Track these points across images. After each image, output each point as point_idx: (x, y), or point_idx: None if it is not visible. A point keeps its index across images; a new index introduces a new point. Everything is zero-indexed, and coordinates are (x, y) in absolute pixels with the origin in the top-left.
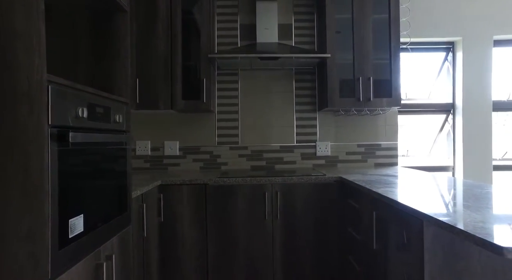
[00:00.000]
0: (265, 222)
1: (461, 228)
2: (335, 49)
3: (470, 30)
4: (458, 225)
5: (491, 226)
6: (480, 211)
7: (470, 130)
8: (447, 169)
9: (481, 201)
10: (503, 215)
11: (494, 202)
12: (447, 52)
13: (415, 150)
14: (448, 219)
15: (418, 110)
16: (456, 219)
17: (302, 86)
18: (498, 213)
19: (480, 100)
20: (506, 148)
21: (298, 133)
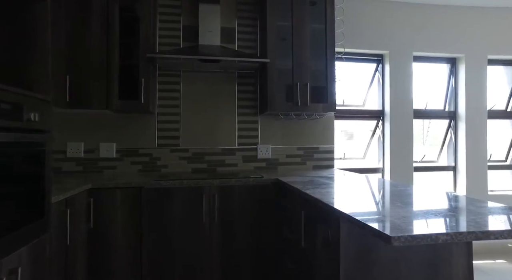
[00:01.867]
0: (203, 225)
1: (363, 221)
2: (276, 55)
3: (395, 45)
4: (363, 219)
5: (393, 220)
6: (390, 207)
7: (396, 135)
8: (378, 171)
9: (393, 198)
10: (408, 211)
11: (405, 199)
12: (377, 64)
13: (352, 153)
14: (354, 213)
15: (353, 115)
16: (364, 215)
17: (245, 90)
18: (405, 209)
19: (403, 108)
20: (424, 151)
21: (239, 136)
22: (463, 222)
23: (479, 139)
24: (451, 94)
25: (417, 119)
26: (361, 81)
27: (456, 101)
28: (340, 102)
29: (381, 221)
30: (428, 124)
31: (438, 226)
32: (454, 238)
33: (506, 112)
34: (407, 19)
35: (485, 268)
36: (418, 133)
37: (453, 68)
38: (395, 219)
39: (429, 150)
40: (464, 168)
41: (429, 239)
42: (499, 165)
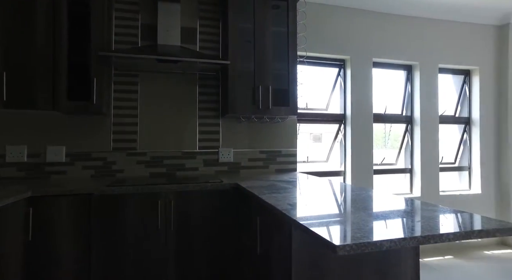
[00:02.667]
0: (158, 233)
1: (312, 229)
2: (238, 57)
3: (356, 51)
4: (312, 226)
5: (343, 226)
6: (343, 212)
7: (357, 138)
8: (340, 174)
9: (347, 203)
10: (360, 216)
11: (359, 204)
12: (339, 69)
13: (315, 156)
14: (305, 220)
15: (316, 119)
16: (316, 221)
17: (206, 92)
18: (357, 214)
19: (364, 112)
20: (386, 154)
21: (200, 139)
22: (408, 227)
23: (432, 143)
24: (408, 100)
25: (377, 123)
26: (324, 85)
27: (412, 106)
28: (303, 105)
29: (330, 228)
30: (390, 128)
31: (386, 232)
32: (398, 244)
33: (454, 117)
34: (368, 26)
35: (434, 264)
36: (381, 136)
37: (409, 75)
38: (346, 226)
39: (391, 153)
40: (419, 170)
41: (374, 246)
42: (449, 167)
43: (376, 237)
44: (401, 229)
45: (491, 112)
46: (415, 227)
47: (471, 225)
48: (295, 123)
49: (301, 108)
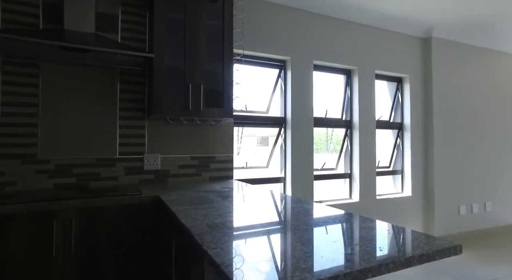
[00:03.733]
0: (53, 261)
1: (221, 267)
2: (165, 51)
3: (296, 52)
4: (223, 264)
5: (258, 260)
6: (269, 237)
7: (297, 143)
8: (280, 180)
9: (277, 223)
10: (290, 247)
11: (292, 221)
12: (280, 70)
13: (255, 161)
14: (219, 258)
15: (255, 122)
16: (228, 256)
17: (129, 89)
18: (288, 243)
19: (304, 115)
20: (328, 159)
21: (121, 144)
22: (347, 255)
23: (370, 147)
24: (347, 104)
25: (318, 127)
26: (265, 87)
27: (351, 110)
28: (242, 107)
29: (248, 266)
30: (332, 132)
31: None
32: None
33: (389, 122)
34: (308, 27)
35: None
36: (324, 140)
37: (348, 80)
38: (272, 262)
39: (334, 157)
40: (358, 175)
41: None
42: (384, 171)
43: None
44: (337, 260)
45: (420, 118)
46: (353, 257)
47: (412, 248)
48: (232, 126)
49: (239, 111)
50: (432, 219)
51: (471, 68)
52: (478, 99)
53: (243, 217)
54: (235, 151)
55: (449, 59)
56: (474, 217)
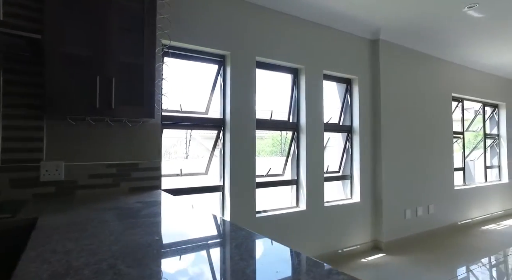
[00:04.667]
0: None
1: None
2: (62, 33)
3: (237, 46)
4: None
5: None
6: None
7: (237, 147)
8: (218, 189)
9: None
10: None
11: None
12: (219, 66)
13: (193, 168)
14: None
15: (189, 124)
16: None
17: (17, 81)
18: None
19: (245, 117)
20: (270, 165)
21: (6, 149)
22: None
23: (318, 151)
24: (294, 105)
25: (261, 130)
26: (205, 85)
27: (298, 112)
28: (176, 107)
29: None
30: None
31: None
32: None
33: (339, 125)
34: (251, 21)
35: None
36: (279, 143)
37: (295, 79)
38: None
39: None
40: (305, 181)
41: None
42: (334, 176)
43: None
44: None
45: (368, 121)
46: None
47: None
48: (158, 128)
49: (170, 111)
50: (380, 224)
51: (416, 73)
52: (421, 105)
53: (135, 255)
54: (182, 156)
55: (396, 63)
56: (419, 220)
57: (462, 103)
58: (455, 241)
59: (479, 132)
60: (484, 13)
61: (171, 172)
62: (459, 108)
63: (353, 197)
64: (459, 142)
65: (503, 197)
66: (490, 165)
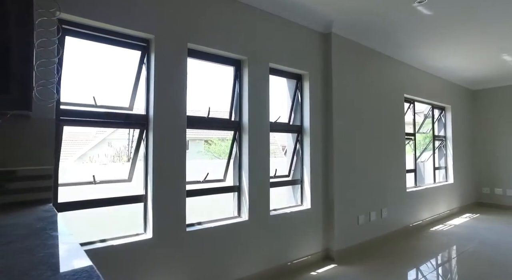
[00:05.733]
0: None
1: None
2: None
3: (164, 29)
4: None
5: None
6: None
7: (162, 149)
8: (141, 199)
9: None
10: None
11: None
12: (143, 52)
13: (115, 174)
14: None
15: (104, 121)
16: None
17: None
18: None
19: (174, 114)
20: (208, 169)
21: None
22: None
23: (262, 154)
24: (237, 102)
25: (195, 129)
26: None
27: (241, 110)
28: (89, 100)
29: None
30: None
31: None
32: None
33: (288, 125)
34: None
35: None
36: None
37: (238, 72)
38: None
39: None
40: (247, 187)
41: None
42: (282, 181)
43: None
44: None
45: (319, 121)
46: None
47: None
48: (51, 125)
49: (74, 104)
50: (332, 232)
51: (369, 72)
52: (374, 104)
53: None
54: (94, 160)
55: (348, 59)
56: (372, 225)
57: (413, 105)
58: (407, 244)
59: (428, 134)
60: (432, 11)
61: (86, 180)
62: (411, 109)
63: (303, 203)
64: (411, 144)
65: (449, 197)
66: (438, 166)
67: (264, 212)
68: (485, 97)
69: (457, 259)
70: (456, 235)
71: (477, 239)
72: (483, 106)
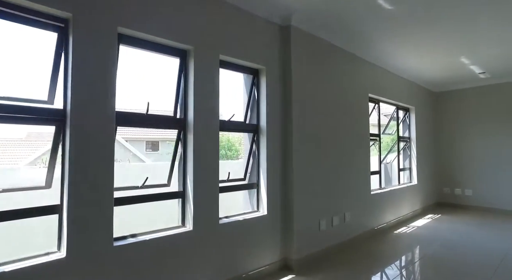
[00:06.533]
0: None
1: None
2: None
3: (85, 8)
4: None
5: None
6: None
7: (85, 151)
8: (55, 211)
9: None
10: None
11: None
12: (60, 34)
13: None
14: None
15: (6, 116)
16: None
17: None
18: None
19: (99, 109)
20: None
21: None
22: None
23: (210, 155)
24: (182, 97)
25: (129, 127)
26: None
27: (186, 106)
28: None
29: None
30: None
31: None
32: None
33: (244, 124)
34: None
35: None
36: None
37: (183, 64)
38: None
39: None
40: (191, 193)
41: None
42: (236, 186)
43: None
44: None
45: (278, 121)
46: None
47: None
48: None
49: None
50: (291, 240)
51: (332, 69)
52: (338, 104)
53: None
54: None
55: (310, 55)
56: (335, 230)
57: (378, 105)
58: (371, 249)
59: (393, 135)
60: (393, 5)
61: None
62: (376, 110)
63: (259, 209)
64: (376, 145)
65: (413, 199)
66: (402, 168)
67: (212, 220)
68: (446, 99)
69: (419, 263)
70: (419, 237)
71: (439, 242)
72: (444, 108)
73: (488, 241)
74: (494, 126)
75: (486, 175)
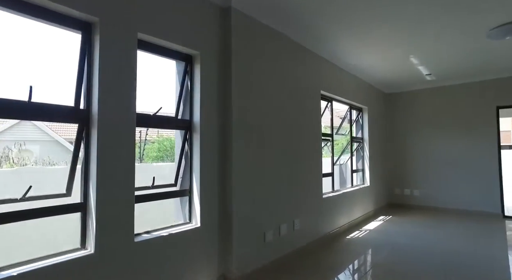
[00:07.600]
0: None
1: None
2: None
3: None
4: None
5: None
6: None
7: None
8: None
9: None
10: None
11: None
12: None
13: None
14: None
15: None
16: None
17: None
18: None
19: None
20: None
21: None
22: None
23: (125, 157)
24: (86, 84)
25: (10, 119)
26: None
27: (90, 95)
28: None
29: None
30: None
31: None
32: None
33: (175, 119)
34: None
35: None
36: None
37: (86, 41)
38: None
39: None
40: (94, 205)
41: None
42: (164, 193)
43: None
44: None
45: (214, 116)
46: None
47: None
48: None
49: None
50: (231, 255)
51: (280, 61)
52: (286, 100)
53: None
54: None
55: (254, 43)
56: (282, 240)
57: (331, 104)
58: (322, 258)
59: (347, 136)
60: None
61: None
62: (329, 108)
63: (192, 220)
64: (329, 146)
65: (365, 201)
66: (356, 169)
67: (124, 238)
68: (396, 100)
69: (371, 272)
70: (370, 242)
71: (390, 246)
72: (394, 109)
73: (436, 243)
74: (439, 128)
75: (432, 176)
